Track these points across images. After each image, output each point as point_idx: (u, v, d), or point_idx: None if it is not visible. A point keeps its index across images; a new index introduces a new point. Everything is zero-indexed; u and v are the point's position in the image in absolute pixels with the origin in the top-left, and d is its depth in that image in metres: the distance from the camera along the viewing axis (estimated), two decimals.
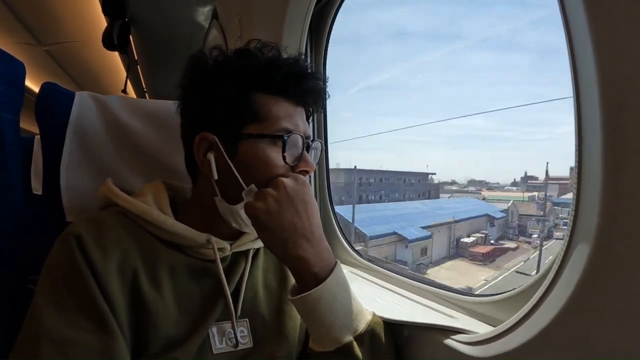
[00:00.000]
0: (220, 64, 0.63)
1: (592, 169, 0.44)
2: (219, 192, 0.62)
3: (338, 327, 0.58)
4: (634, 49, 0.39)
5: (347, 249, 1.05)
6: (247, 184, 0.59)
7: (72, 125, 0.78)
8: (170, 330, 0.56)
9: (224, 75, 0.61)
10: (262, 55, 0.63)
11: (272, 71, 0.61)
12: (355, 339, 0.58)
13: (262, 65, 0.61)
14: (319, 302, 0.57)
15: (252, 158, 0.60)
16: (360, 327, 0.60)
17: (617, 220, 0.41)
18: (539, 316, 0.50)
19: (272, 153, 0.60)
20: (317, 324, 0.58)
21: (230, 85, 0.61)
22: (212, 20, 1.51)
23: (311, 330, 0.60)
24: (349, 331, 0.58)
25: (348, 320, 0.59)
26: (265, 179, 0.59)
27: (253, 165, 0.60)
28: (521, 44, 41.54)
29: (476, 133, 42.80)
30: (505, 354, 0.51)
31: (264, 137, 0.60)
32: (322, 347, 0.59)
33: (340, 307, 0.58)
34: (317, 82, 0.65)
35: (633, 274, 0.40)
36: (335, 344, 0.58)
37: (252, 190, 0.59)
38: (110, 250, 0.55)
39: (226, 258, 0.65)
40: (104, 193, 0.65)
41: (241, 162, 0.60)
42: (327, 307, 0.57)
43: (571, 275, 0.46)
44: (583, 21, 0.42)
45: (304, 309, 0.58)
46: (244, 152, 0.60)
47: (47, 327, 0.49)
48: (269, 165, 0.60)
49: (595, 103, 0.42)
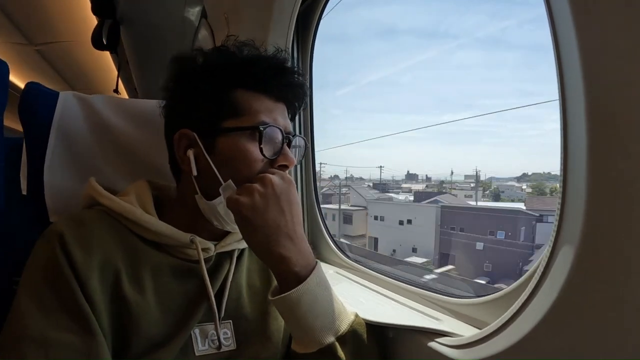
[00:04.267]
0: (200, 63, 0.63)
1: (577, 170, 0.44)
2: (198, 189, 0.61)
3: (319, 328, 0.57)
4: (618, 48, 0.39)
5: (333, 249, 1.05)
6: (225, 179, 0.59)
7: (55, 125, 0.78)
8: (152, 331, 0.56)
9: (203, 73, 0.62)
10: (240, 52, 0.63)
11: (250, 67, 0.61)
12: (337, 340, 0.58)
13: (240, 62, 0.62)
14: (300, 302, 0.56)
15: (230, 152, 0.60)
16: (342, 327, 0.59)
17: (602, 222, 0.41)
18: (524, 319, 0.50)
19: (250, 147, 0.59)
20: (299, 325, 0.57)
21: (209, 82, 0.61)
22: (201, 20, 1.50)
23: (293, 331, 0.60)
24: (331, 332, 0.58)
25: (329, 321, 0.58)
26: (244, 174, 0.59)
27: (231, 160, 0.60)
28: (509, 42, 41.96)
29: (465, 129, 43.11)
30: (490, 357, 0.51)
31: (241, 130, 0.59)
32: (304, 348, 0.58)
33: (321, 307, 0.58)
34: (296, 77, 0.65)
35: (618, 276, 0.40)
36: (317, 345, 0.57)
37: (230, 187, 0.59)
38: (93, 249, 0.54)
39: (210, 258, 0.64)
40: (87, 192, 0.65)
41: (220, 157, 0.60)
42: (308, 307, 0.56)
43: (556, 277, 0.46)
44: (568, 20, 0.42)
45: (285, 309, 0.57)
46: (222, 147, 0.60)
47: (29, 327, 0.49)
48: (247, 159, 0.59)
49: (581, 104, 0.41)
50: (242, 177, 0.59)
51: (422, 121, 51.79)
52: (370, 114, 62.15)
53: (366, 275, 0.92)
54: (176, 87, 0.65)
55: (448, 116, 49.23)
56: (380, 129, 59.98)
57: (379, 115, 59.13)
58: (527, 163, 40.28)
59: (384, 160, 53.18)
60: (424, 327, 0.62)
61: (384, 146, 51.79)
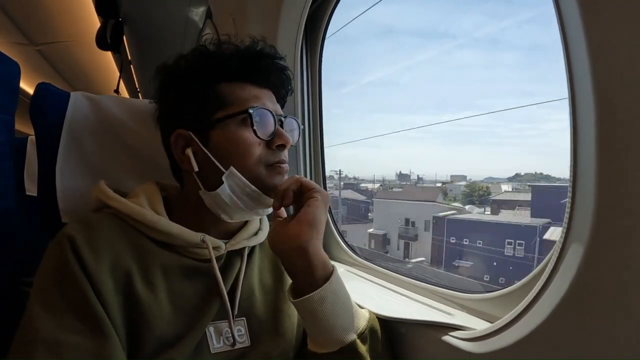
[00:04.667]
0: (183, 66, 0.65)
1: (587, 169, 0.44)
2: (201, 184, 0.63)
3: (341, 327, 0.58)
4: (627, 47, 0.39)
5: (344, 248, 1.06)
6: (226, 168, 0.60)
7: (67, 125, 0.78)
8: (165, 330, 0.56)
9: (187, 75, 0.64)
10: (218, 47, 0.65)
11: (228, 60, 0.63)
12: (358, 338, 0.59)
13: (220, 56, 0.64)
14: (323, 302, 0.57)
15: (226, 142, 0.61)
16: (362, 325, 0.61)
17: (611, 220, 0.42)
18: (534, 313, 0.51)
19: (244, 132, 0.61)
20: (320, 325, 0.58)
21: (194, 81, 0.63)
22: (206, 20, 1.50)
23: (312, 332, 0.60)
24: (352, 330, 0.59)
25: (350, 320, 0.59)
26: (244, 160, 0.61)
27: (228, 148, 0.61)
28: (509, 42, 42.00)
29: (465, 129, 43.18)
30: (502, 349, 0.52)
31: (232, 117, 0.61)
32: (324, 348, 0.59)
33: (343, 306, 0.59)
34: (275, 61, 0.66)
35: (626, 273, 0.41)
36: (338, 344, 0.58)
37: (232, 173, 0.60)
38: (103, 252, 0.55)
39: (221, 257, 0.64)
40: (96, 195, 0.65)
41: (217, 148, 0.61)
42: (330, 307, 0.58)
43: (566, 273, 0.47)
44: (577, 20, 0.42)
45: (308, 310, 0.58)
46: (218, 138, 0.61)
47: (41, 331, 0.49)
48: (243, 144, 0.61)
49: (590, 104, 0.42)
50: (242, 164, 0.61)
51: (422, 121, 51.78)
52: (370, 114, 62.16)
53: (376, 273, 0.92)
54: (165, 93, 0.67)
55: (447, 116, 49.23)
56: (379, 128, 59.93)
57: (378, 115, 59.13)
58: (525, 163, 40.37)
59: (383, 161, 53.18)
60: (437, 321, 0.63)
61: (382, 146, 51.88)
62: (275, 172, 0.63)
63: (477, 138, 39.27)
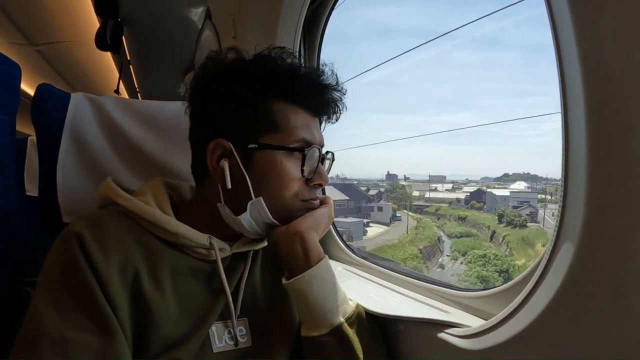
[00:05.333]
0: (239, 68, 0.62)
1: (579, 168, 0.45)
2: (223, 198, 0.61)
3: (330, 309, 0.60)
4: (617, 46, 0.40)
5: (341, 246, 1.06)
6: (257, 195, 0.60)
7: (68, 126, 0.79)
8: (171, 330, 0.56)
9: (242, 80, 0.61)
10: (283, 62, 0.62)
11: (294, 80, 0.61)
12: (346, 322, 0.61)
13: (283, 73, 0.61)
14: (313, 284, 0.60)
15: (268, 169, 0.60)
16: (349, 310, 0.63)
17: (602, 219, 0.43)
18: (527, 310, 0.51)
19: (289, 165, 0.61)
20: (310, 306, 0.60)
21: (247, 89, 0.60)
22: (205, 21, 1.50)
23: (305, 314, 0.62)
24: (339, 313, 0.61)
25: (338, 303, 0.62)
26: (281, 193, 0.61)
27: (268, 176, 0.60)
28: (506, 42, 41.98)
29: (466, 130, 43.08)
30: (497, 346, 0.53)
31: (284, 149, 0.60)
32: (316, 331, 0.60)
33: (330, 289, 0.61)
34: (337, 94, 0.65)
35: (616, 272, 0.42)
36: (327, 326, 0.60)
37: (259, 203, 0.60)
38: (112, 250, 0.54)
39: (226, 259, 0.65)
40: (104, 192, 0.64)
41: (256, 171, 0.60)
42: (318, 288, 0.60)
43: (558, 271, 0.47)
44: (568, 19, 0.43)
45: (299, 291, 0.60)
46: (260, 161, 0.60)
47: (48, 327, 0.49)
48: (285, 177, 0.60)
49: (581, 103, 0.43)
50: (278, 194, 0.61)
51: (422, 121, 51.81)
52: (369, 113, 62.10)
53: (374, 271, 0.93)
54: (208, 89, 0.63)
55: (447, 116, 49.21)
56: (379, 129, 59.96)
57: (377, 115, 59.10)
58: (524, 163, 40.39)
59: (383, 160, 53.25)
60: (433, 319, 0.64)
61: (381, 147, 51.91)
62: (305, 207, 0.64)
63: (476, 138, 39.22)
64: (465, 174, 16.48)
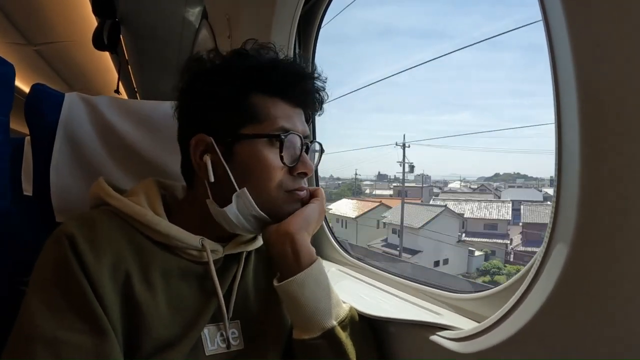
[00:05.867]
0: (218, 65, 0.63)
1: (571, 169, 0.45)
2: (211, 194, 0.61)
3: (322, 312, 0.60)
4: (611, 48, 0.40)
5: (335, 247, 1.06)
6: (241, 186, 0.60)
7: (61, 126, 0.78)
8: (162, 332, 0.56)
9: (221, 76, 0.61)
10: (260, 56, 0.63)
11: (270, 72, 0.61)
12: (338, 324, 0.60)
13: (260, 66, 0.62)
14: (305, 287, 0.59)
15: (249, 159, 0.60)
16: (341, 314, 0.62)
17: (595, 220, 0.42)
18: (521, 312, 0.51)
19: (269, 154, 0.60)
20: (301, 309, 0.60)
21: (227, 86, 0.61)
22: (201, 20, 1.50)
23: (296, 317, 0.62)
24: (332, 316, 0.60)
25: (330, 306, 0.61)
26: (263, 183, 0.60)
27: (250, 167, 0.60)
28: (505, 42, 42.13)
29: (463, 129, 43.16)
30: (489, 349, 0.53)
31: (261, 137, 0.60)
32: (307, 334, 0.60)
33: (323, 292, 0.61)
34: (316, 83, 0.65)
35: (610, 272, 0.42)
36: (319, 329, 0.59)
37: (244, 194, 0.59)
38: (103, 251, 0.54)
39: (219, 260, 0.65)
40: (96, 192, 0.64)
41: (238, 164, 0.60)
42: (311, 291, 0.60)
43: (551, 273, 0.47)
44: (562, 19, 0.43)
45: (290, 294, 0.60)
46: (241, 153, 0.60)
47: (40, 327, 0.49)
48: (266, 166, 0.60)
49: (574, 104, 0.43)
50: (261, 185, 0.60)
51: (421, 121, 51.92)
52: (368, 113, 62.23)
53: (367, 272, 0.93)
54: (191, 89, 0.64)
55: (446, 116, 49.27)
56: (378, 129, 60.08)
57: (377, 115, 59.17)
58: (524, 163, 40.53)
59: (381, 160, 53.37)
60: (425, 321, 0.63)
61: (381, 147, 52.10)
62: (292, 199, 0.63)
63: (476, 138, 39.25)
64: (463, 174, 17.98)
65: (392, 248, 10.86)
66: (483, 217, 11.38)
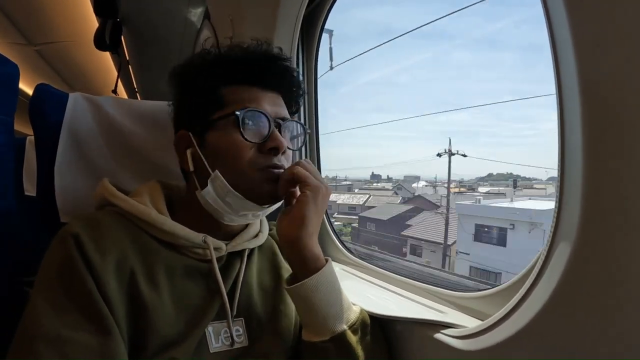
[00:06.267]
0: (190, 69, 0.67)
1: (574, 168, 0.45)
2: (199, 186, 0.63)
3: (333, 316, 0.60)
4: (613, 48, 0.40)
5: (339, 247, 1.06)
6: (215, 170, 0.61)
7: (66, 126, 0.78)
8: (167, 330, 0.56)
9: (193, 77, 0.66)
10: (227, 50, 0.66)
11: (234, 62, 0.64)
12: (349, 329, 0.60)
13: (230, 58, 0.65)
14: (317, 289, 0.59)
15: (218, 143, 0.62)
16: (352, 317, 0.62)
17: (598, 219, 0.43)
18: (524, 310, 0.52)
19: (235, 135, 0.61)
20: (313, 312, 0.60)
21: (198, 83, 0.64)
22: (204, 21, 1.50)
23: (306, 320, 0.62)
24: (342, 320, 0.61)
25: (341, 310, 0.61)
26: (233, 163, 0.61)
27: (220, 150, 0.62)
28: (505, 42, 42.11)
29: (464, 129, 43.13)
30: (493, 347, 0.53)
31: (223, 118, 0.61)
32: (318, 337, 0.60)
33: (335, 296, 0.61)
34: (280, 63, 0.67)
35: (613, 270, 0.42)
36: (329, 332, 0.59)
37: (217, 177, 0.60)
38: (108, 250, 0.55)
39: (222, 258, 0.65)
40: (100, 193, 0.65)
41: (210, 150, 0.63)
42: (323, 294, 0.60)
43: (554, 271, 0.48)
44: (564, 20, 0.43)
45: (302, 297, 0.60)
46: (211, 140, 0.63)
47: (45, 326, 0.49)
48: (232, 146, 0.61)
49: (577, 103, 0.43)
50: (233, 167, 0.61)
51: (420, 121, 51.94)
52: (368, 113, 62.23)
53: (371, 272, 0.93)
54: (174, 91, 0.69)
55: (445, 116, 49.28)
56: (379, 129, 60.12)
57: (376, 115, 59.17)
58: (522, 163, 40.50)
59: (381, 160, 53.42)
60: (429, 319, 0.64)
61: (381, 146, 52.14)
62: (265, 176, 0.62)
63: (475, 137, 39.31)
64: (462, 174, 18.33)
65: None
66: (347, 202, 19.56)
